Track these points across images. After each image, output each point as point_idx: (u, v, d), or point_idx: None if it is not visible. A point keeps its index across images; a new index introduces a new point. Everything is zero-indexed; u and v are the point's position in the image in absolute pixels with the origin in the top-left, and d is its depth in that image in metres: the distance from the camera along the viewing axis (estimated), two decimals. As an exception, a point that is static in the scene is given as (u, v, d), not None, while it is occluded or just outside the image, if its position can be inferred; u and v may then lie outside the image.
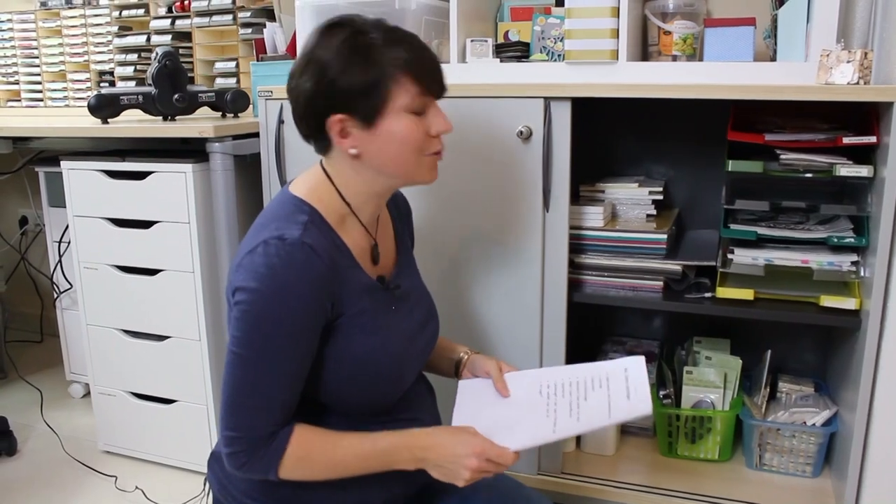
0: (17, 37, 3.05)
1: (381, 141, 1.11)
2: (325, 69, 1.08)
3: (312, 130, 1.14)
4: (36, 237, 3.11)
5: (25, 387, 2.72)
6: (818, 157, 1.54)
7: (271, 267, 1.05)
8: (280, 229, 1.08)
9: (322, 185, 1.17)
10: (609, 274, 1.76)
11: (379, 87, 1.08)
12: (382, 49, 1.08)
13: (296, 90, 1.12)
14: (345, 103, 1.08)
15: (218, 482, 1.24)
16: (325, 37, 1.11)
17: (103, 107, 2.07)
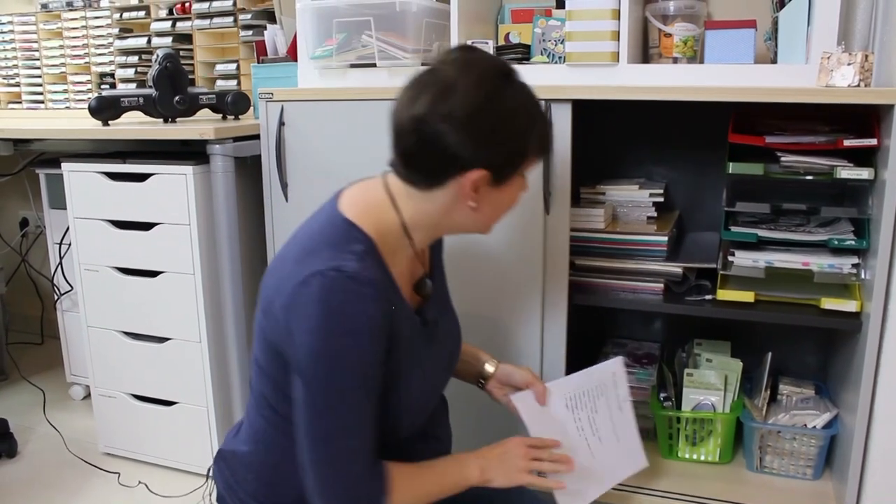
0: (17, 38, 3.06)
1: (499, 199, 1.11)
2: (493, 129, 1.03)
3: (439, 172, 1.06)
4: (37, 239, 3.11)
5: (26, 389, 2.72)
6: (819, 159, 1.54)
7: (331, 304, 1.00)
8: (335, 259, 1.03)
9: (381, 210, 1.12)
10: (610, 276, 1.76)
11: (524, 156, 1.09)
12: (534, 118, 1.08)
13: (440, 129, 1.02)
14: (494, 164, 1.05)
15: (224, 481, 1.23)
16: (496, 90, 1.04)
17: (104, 109, 2.07)
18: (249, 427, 1.23)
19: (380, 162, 1.75)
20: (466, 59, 1.05)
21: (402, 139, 1.06)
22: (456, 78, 1.02)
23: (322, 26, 1.84)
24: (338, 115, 1.77)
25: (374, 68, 1.81)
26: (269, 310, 1.10)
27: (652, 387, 1.92)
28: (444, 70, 1.04)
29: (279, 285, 1.07)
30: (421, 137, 1.03)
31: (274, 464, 1.18)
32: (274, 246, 1.90)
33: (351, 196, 1.14)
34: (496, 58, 1.10)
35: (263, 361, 1.15)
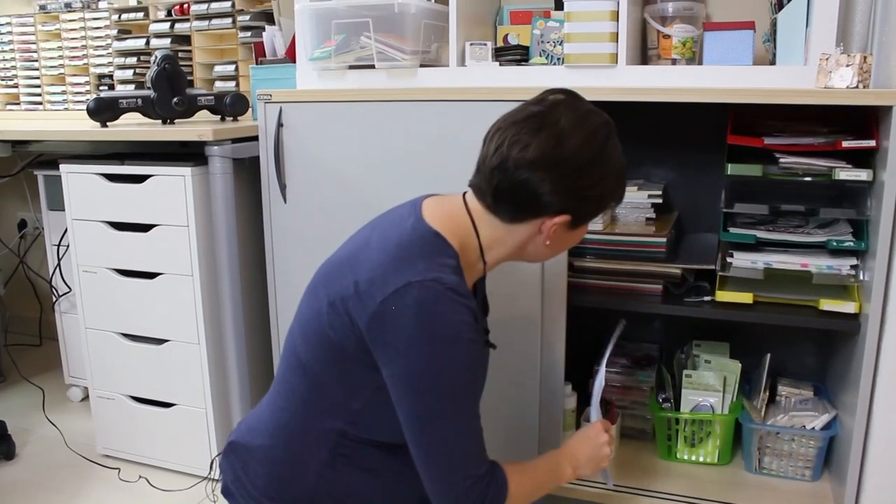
0: (16, 40, 3.06)
1: (569, 239, 1.19)
2: (591, 185, 1.10)
3: (526, 211, 1.11)
4: (35, 241, 3.11)
5: (24, 390, 2.72)
6: (817, 160, 1.54)
7: (435, 316, 1.04)
8: (432, 270, 1.06)
9: (463, 229, 1.15)
10: (608, 277, 1.76)
11: (604, 207, 1.17)
12: (622, 179, 1.15)
13: (540, 178, 1.07)
14: (579, 213, 1.12)
15: (233, 473, 1.23)
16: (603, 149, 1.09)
17: (102, 110, 2.07)
18: (271, 419, 1.22)
19: (377, 163, 1.76)
20: (579, 112, 1.09)
21: (501, 175, 1.09)
22: (568, 131, 1.07)
23: (321, 28, 1.84)
24: (336, 117, 1.77)
25: (373, 70, 1.81)
26: (338, 308, 1.10)
27: (651, 388, 1.92)
28: (555, 117, 1.08)
29: (361, 290, 1.08)
30: (522, 180, 1.07)
31: (291, 461, 1.18)
32: (273, 247, 1.90)
33: (434, 209, 1.16)
34: (602, 112, 1.13)
35: (309, 357, 1.15)
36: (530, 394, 1.74)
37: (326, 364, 1.13)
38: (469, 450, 1.09)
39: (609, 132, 1.11)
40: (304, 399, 1.17)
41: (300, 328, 1.18)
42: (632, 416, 1.97)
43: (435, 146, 1.70)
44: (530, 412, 1.76)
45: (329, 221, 1.84)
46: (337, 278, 1.13)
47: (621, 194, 1.18)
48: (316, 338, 1.14)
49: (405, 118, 1.71)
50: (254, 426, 1.25)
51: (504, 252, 1.18)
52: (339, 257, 1.17)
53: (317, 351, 1.14)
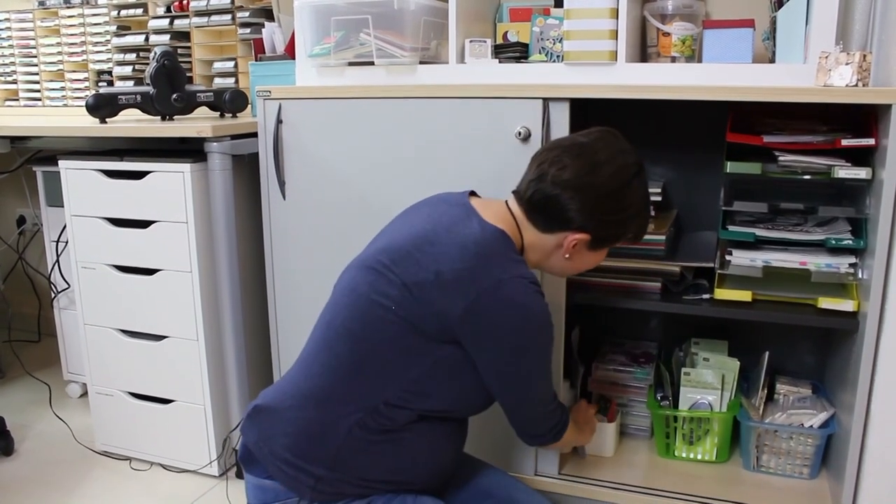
0: (14, 36, 3.05)
1: (587, 259, 1.36)
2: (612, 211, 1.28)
3: (555, 223, 1.29)
4: (33, 237, 3.10)
5: (22, 387, 2.72)
6: (817, 158, 1.54)
7: (531, 307, 1.22)
8: (515, 267, 1.24)
9: (513, 232, 1.30)
10: (607, 275, 1.76)
11: (623, 236, 1.34)
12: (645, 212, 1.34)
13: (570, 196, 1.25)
14: (597, 235, 1.30)
15: (259, 433, 1.28)
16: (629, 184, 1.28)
17: (101, 106, 2.07)
18: (305, 383, 1.28)
19: (376, 160, 1.76)
20: (615, 148, 1.29)
21: (540, 188, 1.27)
22: (603, 162, 1.26)
23: (320, 24, 1.84)
24: (336, 113, 1.77)
25: (372, 66, 1.81)
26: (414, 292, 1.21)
27: (649, 386, 1.92)
28: (594, 148, 1.27)
29: (446, 281, 1.20)
30: (556, 194, 1.26)
31: (322, 419, 1.24)
32: (272, 244, 1.90)
33: (488, 211, 1.31)
34: (636, 154, 1.31)
35: (364, 328, 1.25)
36: (529, 391, 1.74)
37: (387, 336, 1.23)
38: (551, 391, 1.37)
39: (638, 171, 1.29)
40: (350, 365, 1.25)
41: (353, 301, 1.27)
42: (630, 414, 1.97)
43: (434, 143, 1.70)
44: (529, 409, 1.75)
45: (328, 218, 1.84)
46: (409, 264, 1.24)
47: (640, 228, 1.36)
48: (381, 314, 1.23)
49: (404, 115, 1.71)
50: (284, 389, 1.31)
51: (536, 257, 1.34)
52: (400, 244, 1.27)
53: (377, 325, 1.24)
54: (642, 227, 1.37)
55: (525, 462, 1.79)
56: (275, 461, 1.25)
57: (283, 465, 1.24)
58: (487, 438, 1.79)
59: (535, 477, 1.79)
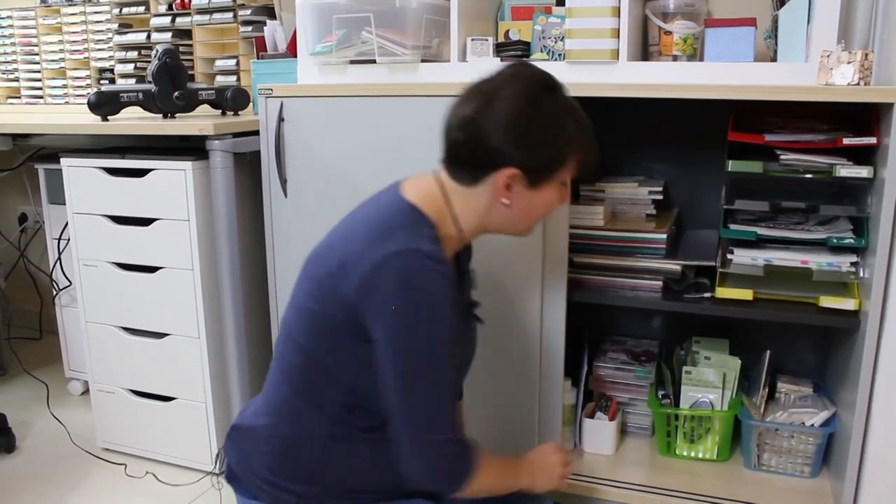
0: (17, 34, 3.05)
1: (532, 201, 1.20)
2: (527, 132, 1.13)
3: (477, 168, 1.17)
4: (35, 234, 3.11)
5: (24, 384, 2.72)
6: (818, 157, 1.54)
7: (416, 282, 1.09)
8: (412, 241, 1.11)
9: (437, 201, 1.20)
10: (608, 273, 1.76)
11: (559, 163, 1.18)
12: (574, 131, 1.17)
13: (481, 127, 1.13)
14: (526, 165, 1.14)
15: (238, 454, 1.27)
16: (536, 98, 1.14)
17: (103, 104, 2.07)
18: (273, 398, 1.26)
19: (378, 158, 1.76)
20: (514, 71, 1.17)
21: (449, 136, 1.18)
22: (502, 85, 1.14)
23: (322, 22, 1.84)
24: (337, 111, 1.77)
25: (374, 65, 1.81)
26: (325, 286, 1.15)
27: (650, 384, 1.92)
28: (493, 80, 1.16)
29: (346, 266, 1.13)
30: (465, 136, 1.15)
31: (292, 436, 1.22)
32: (273, 241, 1.90)
33: (411, 186, 1.22)
34: (544, 72, 1.18)
35: (303, 335, 1.20)
36: (530, 389, 1.75)
37: (320, 340, 1.18)
38: (442, 411, 1.14)
39: (546, 84, 1.16)
40: (303, 376, 1.21)
41: (294, 312, 1.23)
42: (631, 413, 1.97)
43: (435, 141, 1.69)
44: (530, 407, 1.76)
45: (329, 216, 1.82)
46: (325, 258, 1.19)
47: (579, 147, 1.18)
48: (309, 317, 1.19)
49: (406, 113, 1.71)
50: (256, 409, 1.28)
51: (476, 219, 1.21)
52: (328, 240, 1.23)
53: (311, 330, 1.19)
54: (581, 148, 1.18)
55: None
56: (256, 480, 1.24)
57: (264, 484, 1.23)
58: (487, 436, 1.79)
59: (536, 475, 1.79)
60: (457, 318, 1.18)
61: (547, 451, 1.37)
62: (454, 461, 1.16)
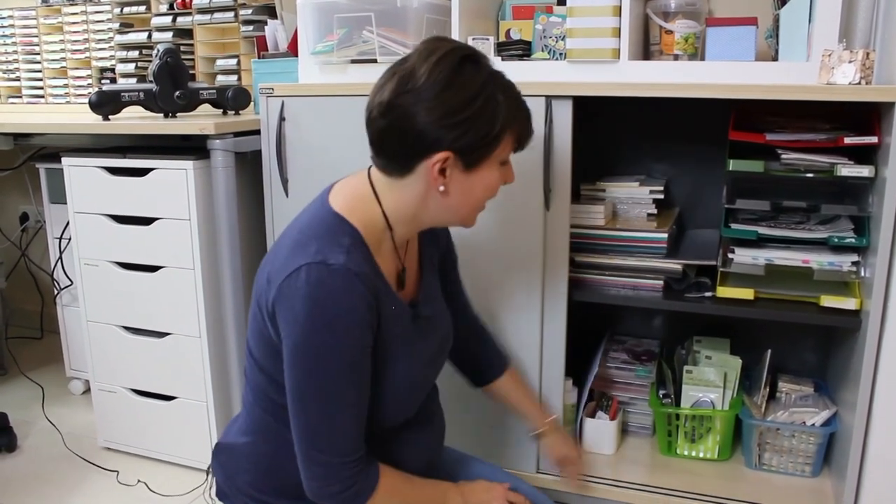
0: (18, 33, 3.05)
1: (470, 185, 1.11)
2: (454, 110, 1.05)
3: (406, 156, 1.09)
4: (36, 233, 3.11)
5: (25, 383, 2.72)
6: (819, 156, 1.54)
7: (317, 297, 1.03)
8: (322, 252, 1.06)
9: (365, 202, 1.14)
10: (609, 273, 1.76)
11: (494, 141, 1.09)
12: (505, 104, 1.08)
13: (404, 111, 1.05)
14: (458, 146, 1.06)
15: (224, 473, 1.26)
16: (457, 72, 1.05)
17: (104, 103, 2.07)
18: (247, 417, 1.25)
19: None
20: (431, 45, 1.08)
21: (371, 125, 1.10)
22: (419, 63, 1.06)
23: (323, 22, 1.84)
24: (338, 111, 1.77)
25: (375, 64, 1.81)
26: (261, 302, 1.12)
27: (651, 384, 1.92)
28: (409, 58, 1.08)
29: (270, 278, 1.09)
30: (388, 122, 1.07)
31: (272, 453, 1.20)
32: (274, 241, 1.89)
33: (340, 190, 1.17)
34: (461, 43, 1.10)
35: (258, 353, 1.18)
36: (531, 389, 1.74)
37: (271, 360, 1.15)
38: (337, 435, 1.09)
39: (464, 55, 1.07)
40: (266, 393, 1.19)
41: (249, 330, 1.20)
42: (632, 412, 1.97)
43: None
44: (531, 407, 1.76)
45: (330, 216, 1.83)
46: (260, 275, 1.15)
47: (511, 123, 1.10)
48: (258, 336, 1.16)
49: (407, 113, 1.71)
50: (238, 427, 1.28)
51: (410, 215, 1.14)
52: (265, 257, 1.18)
53: (261, 348, 1.16)
54: (514, 120, 1.10)
55: (526, 460, 1.79)
56: (242, 497, 1.23)
57: (250, 501, 1.22)
58: (488, 436, 1.79)
59: (537, 474, 1.79)
60: (396, 324, 1.14)
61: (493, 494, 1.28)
62: (343, 482, 1.10)
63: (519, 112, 1.11)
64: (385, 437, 1.20)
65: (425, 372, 1.27)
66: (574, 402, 1.87)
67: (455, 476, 1.37)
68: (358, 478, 1.11)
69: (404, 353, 1.18)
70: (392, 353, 1.15)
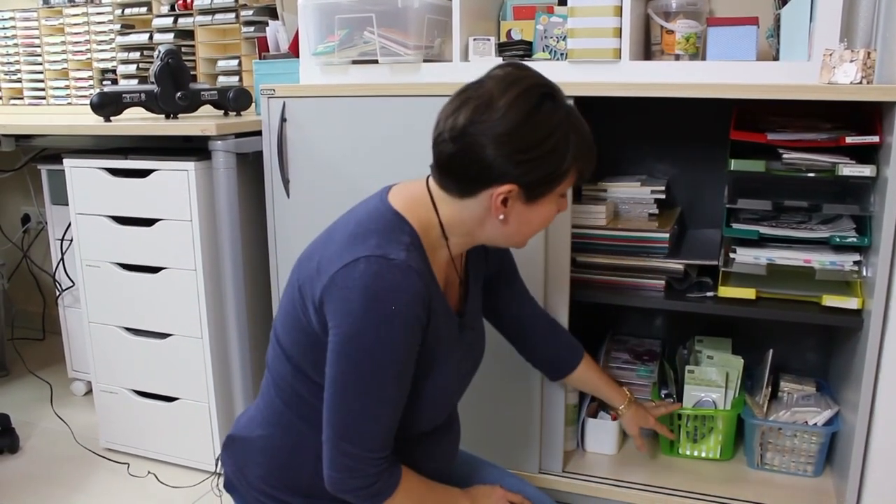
0: (19, 34, 3.06)
1: (528, 216, 1.13)
2: (527, 147, 1.05)
3: (470, 182, 1.09)
4: (38, 235, 3.11)
5: (28, 385, 2.72)
6: (821, 156, 1.54)
7: (376, 290, 1.04)
8: (382, 247, 1.06)
9: (424, 210, 1.15)
10: (611, 273, 1.76)
11: (559, 178, 1.10)
12: (574, 143, 1.08)
13: (475, 140, 1.05)
14: (524, 181, 1.07)
15: (234, 465, 1.25)
16: (536, 110, 1.05)
17: (106, 105, 2.07)
18: (266, 409, 1.24)
19: (380, 158, 1.76)
20: (512, 76, 1.07)
21: (439, 147, 1.09)
22: (498, 94, 1.05)
23: (324, 22, 1.84)
24: (340, 112, 1.77)
25: (376, 65, 1.81)
26: (304, 289, 1.12)
27: (653, 384, 1.92)
28: (488, 84, 1.07)
29: (321, 267, 1.09)
30: (457, 148, 1.06)
31: (289, 448, 1.20)
32: (276, 242, 1.90)
33: (399, 191, 1.17)
34: (541, 77, 1.09)
35: (287, 341, 1.17)
36: (532, 388, 1.75)
37: (301, 349, 1.15)
38: (371, 430, 1.09)
39: (547, 94, 1.07)
40: (292, 386, 1.19)
41: (280, 318, 1.20)
42: (634, 412, 1.97)
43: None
44: (532, 407, 1.76)
45: (332, 216, 1.82)
46: (307, 262, 1.15)
47: (580, 160, 1.10)
48: (291, 324, 1.16)
49: (408, 113, 1.71)
50: (252, 418, 1.27)
51: (465, 230, 1.15)
52: (312, 245, 1.19)
53: (293, 337, 1.16)
54: (581, 159, 1.10)
55: (529, 460, 1.79)
56: (252, 492, 1.23)
57: (261, 495, 1.22)
58: (490, 436, 1.79)
59: (539, 475, 1.79)
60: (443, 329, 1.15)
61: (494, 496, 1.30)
62: (366, 479, 1.10)
63: (587, 151, 1.12)
64: (410, 441, 1.20)
65: (461, 384, 1.29)
66: (576, 402, 1.87)
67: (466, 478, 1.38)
68: (381, 476, 1.11)
69: (446, 361, 1.18)
70: (436, 358, 1.16)
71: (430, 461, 1.25)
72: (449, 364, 1.20)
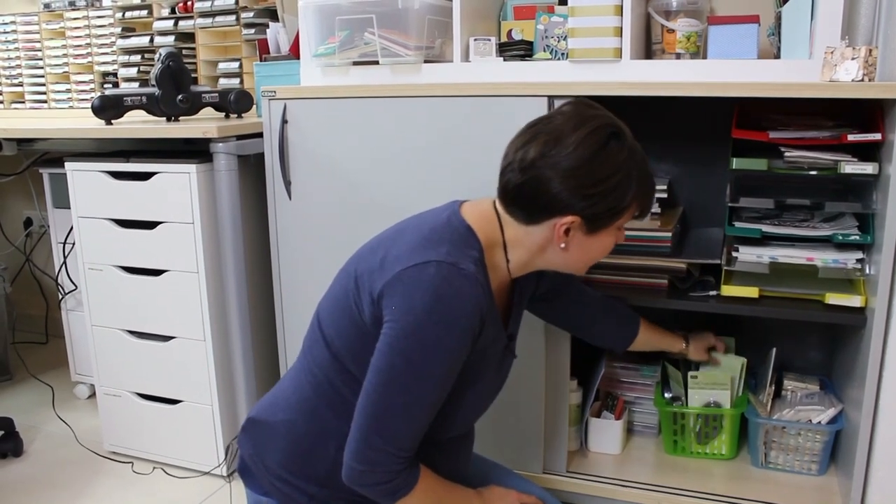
0: (20, 38, 3.06)
1: (589, 246, 1.19)
2: (593, 182, 1.11)
3: (535, 211, 1.15)
4: (40, 238, 3.11)
5: (31, 388, 2.73)
6: (823, 154, 1.54)
7: (443, 294, 1.08)
8: (453, 256, 1.12)
9: (491, 229, 1.20)
10: (613, 272, 1.76)
11: (621, 212, 1.16)
12: (636, 180, 1.14)
13: (543, 174, 1.11)
14: (587, 213, 1.13)
15: (253, 447, 1.26)
16: (603, 148, 1.11)
17: (107, 108, 2.08)
18: (293, 394, 1.25)
19: (382, 159, 1.76)
20: (581, 114, 1.14)
21: (507, 177, 1.15)
22: (568, 130, 1.11)
23: (324, 24, 1.84)
24: (341, 113, 1.77)
25: (377, 66, 1.81)
26: (362, 281, 1.15)
27: (656, 383, 1.92)
28: (557, 120, 1.14)
29: (385, 263, 1.13)
30: (525, 179, 1.13)
31: (313, 435, 1.22)
32: (278, 243, 1.90)
33: (471, 208, 1.23)
34: (609, 117, 1.15)
35: (331, 329, 1.20)
36: (535, 389, 1.74)
37: (347, 339, 1.18)
38: (405, 429, 1.11)
39: (614, 133, 1.13)
40: (327, 373, 1.21)
41: (327, 304, 1.23)
42: (637, 412, 1.97)
43: (439, 142, 1.70)
44: (536, 407, 1.76)
45: (334, 218, 1.84)
46: (369, 254, 1.19)
47: (640, 197, 1.17)
48: (340, 313, 1.19)
49: (409, 114, 1.71)
50: (275, 401, 1.28)
51: (525, 255, 1.21)
52: (375, 240, 1.23)
53: (340, 325, 1.19)
54: (642, 196, 1.17)
55: (533, 460, 1.79)
56: (268, 476, 1.24)
57: (277, 481, 1.23)
58: (494, 437, 1.79)
59: (543, 474, 1.79)
60: (490, 346, 1.19)
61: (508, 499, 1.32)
62: (387, 475, 1.12)
63: (647, 188, 1.19)
64: (433, 443, 1.22)
65: (490, 400, 1.33)
66: (579, 402, 1.87)
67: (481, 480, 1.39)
68: (401, 474, 1.13)
69: (486, 376, 1.23)
70: (478, 371, 1.19)
71: (448, 463, 1.27)
72: (488, 382, 1.25)
